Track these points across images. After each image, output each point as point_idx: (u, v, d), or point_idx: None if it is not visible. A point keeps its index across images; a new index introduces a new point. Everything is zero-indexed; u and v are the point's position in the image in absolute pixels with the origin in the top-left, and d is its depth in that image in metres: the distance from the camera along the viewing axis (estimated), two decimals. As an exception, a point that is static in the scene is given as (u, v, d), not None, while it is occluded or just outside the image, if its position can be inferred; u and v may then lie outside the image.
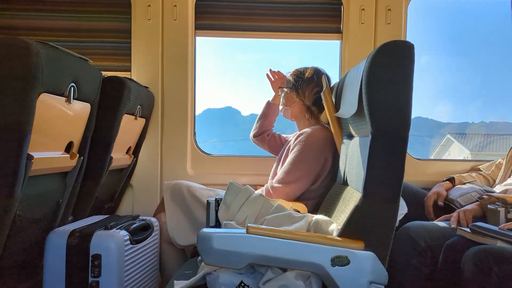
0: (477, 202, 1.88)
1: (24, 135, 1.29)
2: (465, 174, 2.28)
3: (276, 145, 2.46)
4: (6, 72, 1.26)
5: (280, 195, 2.04)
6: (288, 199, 2.04)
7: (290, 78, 2.27)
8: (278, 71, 2.48)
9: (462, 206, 1.95)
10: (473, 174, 2.27)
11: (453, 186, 2.17)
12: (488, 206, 1.76)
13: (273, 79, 2.49)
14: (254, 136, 2.51)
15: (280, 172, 2.11)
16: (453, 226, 1.80)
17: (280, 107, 2.36)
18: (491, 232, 1.54)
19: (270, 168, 2.38)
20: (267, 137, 2.49)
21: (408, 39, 2.42)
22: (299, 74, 2.25)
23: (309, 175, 2.07)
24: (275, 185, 2.07)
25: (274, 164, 2.33)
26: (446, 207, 2.05)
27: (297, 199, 2.09)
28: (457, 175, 2.25)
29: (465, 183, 2.15)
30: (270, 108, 2.48)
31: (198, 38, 2.65)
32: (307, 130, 2.13)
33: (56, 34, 2.57)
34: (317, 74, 2.22)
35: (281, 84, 2.37)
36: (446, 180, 2.22)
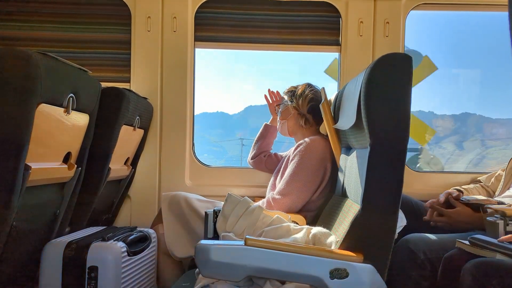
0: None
1: (22, 145, 1.29)
2: (472, 185, 2.27)
3: (273, 163, 2.47)
4: (5, 82, 1.27)
5: (281, 207, 2.03)
6: (290, 210, 2.03)
7: (285, 96, 2.34)
8: (277, 91, 2.50)
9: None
10: (473, 186, 2.26)
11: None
12: (487, 218, 1.75)
13: (270, 101, 2.52)
14: (252, 158, 2.54)
15: (281, 183, 2.10)
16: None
17: (278, 125, 2.38)
18: (490, 244, 1.53)
19: (268, 180, 2.38)
20: (263, 158, 2.51)
21: (406, 51, 2.44)
22: (292, 89, 2.32)
23: (310, 185, 2.07)
24: (276, 196, 2.06)
25: (272, 177, 2.33)
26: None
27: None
28: (465, 186, 2.24)
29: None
30: (267, 130, 2.53)
31: (200, 50, 2.67)
32: (306, 140, 2.13)
33: (56, 45, 2.58)
34: (310, 87, 2.28)
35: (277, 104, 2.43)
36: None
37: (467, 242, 1.61)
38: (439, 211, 1.97)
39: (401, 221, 1.64)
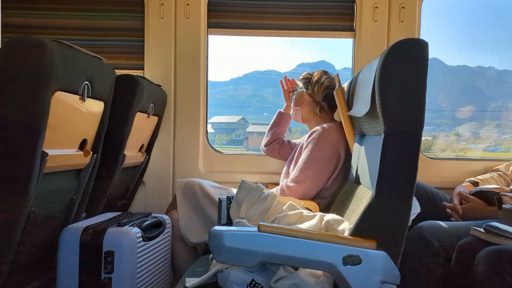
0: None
1: (39, 133, 1.31)
2: (488, 175, 2.24)
3: (286, 151, 2.47)
4: (21, 70, 1.28)
5: (295, 194, 2.04)
6: (304, 198, 2.03)
7: (300, 82, 2.32)
8: (293, 78, 2.49)
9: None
10: (489, 175, 2.23)
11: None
12: (503, 206, 1.74)
13: (286, 88, 2.50)
14: (265, 145, 2.54)
15: (295, 170, 2.10)
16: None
17: (291, 112, 2.37)
18: (505, 232, 1.52)
19: (282, 167, 2.38)
20: (277, 145, 2.51)
21: (422, 37, 2.40)
22: (308, 76, 2.30)
23: (324, 172, 2.06)
24: (290, 184, 2.07)
25: (286, 165, 2.33)
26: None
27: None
28: (480, 177, 2.21)
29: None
30: (281, 117, 2.52)
31: (212, 36, 2.66)
32: (319, 127, 2.13)
33: (71, 32, 2.60)
34: (326, 74, 2.26)
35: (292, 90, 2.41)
36: (468, 182, 2.20)
37: (482, 230, 1.60)
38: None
39: (415, 208, 1.63)
